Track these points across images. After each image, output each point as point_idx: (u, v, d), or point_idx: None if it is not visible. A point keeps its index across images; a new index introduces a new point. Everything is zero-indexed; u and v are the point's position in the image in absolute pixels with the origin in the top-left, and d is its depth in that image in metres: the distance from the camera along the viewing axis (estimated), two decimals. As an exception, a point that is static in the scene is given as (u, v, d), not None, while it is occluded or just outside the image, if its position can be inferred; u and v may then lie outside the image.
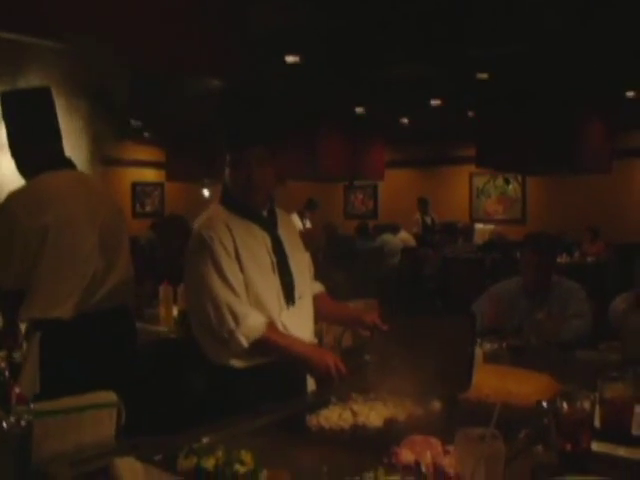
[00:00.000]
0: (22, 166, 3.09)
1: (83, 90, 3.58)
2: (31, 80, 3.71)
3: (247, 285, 2.59)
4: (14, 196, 2.93)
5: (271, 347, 2.56)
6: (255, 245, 2.65)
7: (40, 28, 3.77)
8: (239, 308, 2.53)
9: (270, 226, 2.73)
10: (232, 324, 2.51)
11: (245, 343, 2.51)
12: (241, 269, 2.59)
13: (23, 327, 2.97)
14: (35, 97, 3.12)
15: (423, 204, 13.56)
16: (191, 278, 2.67)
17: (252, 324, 2.52)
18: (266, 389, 2.49)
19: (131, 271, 3.21)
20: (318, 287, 3.00)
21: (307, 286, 2.84)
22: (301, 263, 2.82)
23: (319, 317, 2.90)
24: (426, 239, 12.42)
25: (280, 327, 2.63)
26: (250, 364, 2.58)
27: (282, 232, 2.77)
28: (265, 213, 2.75)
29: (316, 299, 2.90)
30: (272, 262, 2.67)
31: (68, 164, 3.16)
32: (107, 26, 4.01)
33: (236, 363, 2.57)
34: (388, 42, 7.59)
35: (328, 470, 1.44)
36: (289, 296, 2.68)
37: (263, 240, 2.68)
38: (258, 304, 2.60)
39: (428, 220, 13.42)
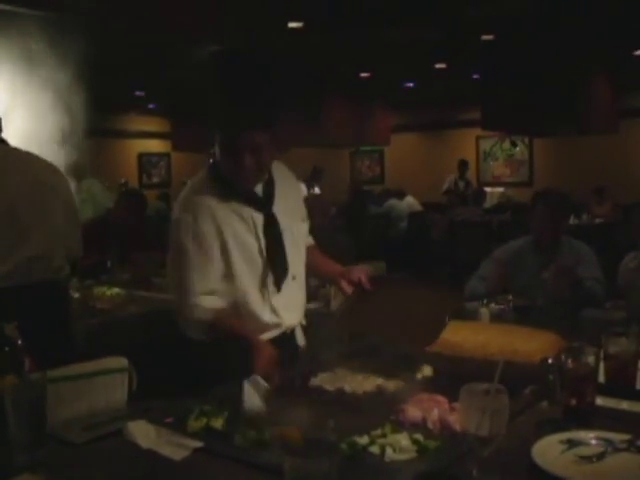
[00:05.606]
0: None
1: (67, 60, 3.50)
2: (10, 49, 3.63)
3: (231, 272, 2.49)
4: None
5: (218, 329, 2.45)
6: (241, 229, 2.51)
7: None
8: (197, 286, 2.43)
9: (263, 205, 2.56)
10: (190, 299, 2.44)
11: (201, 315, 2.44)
12: (225, 255, 2.48)
13: None
14: None
15: (463, 166, 13.20)
16: (169, 257, 2.58)
17: (205, 305, 2.44)
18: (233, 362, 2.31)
19: (46, 248, 3.12)
20: (309, 241, 2.88)
21: (302, 263, 2.71)
22: (298, 235, 2.69)
23: (307, 271, 2.78)
24: (454, 200, 12.11)
25: (268, 311, 2.54)
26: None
27: (279, 204, 2.61)
28: (260, 187, 2.58)
29: (306, 251, 2.79)
30: (260, 245, 2.53)
31: None
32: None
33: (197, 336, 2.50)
34: (390, 5, 7.51)
35: (335, 426, 1.46)
36: (279, 280, 2.55)
37: (252, 221, 2.53)
38: (241, 291, 2.51)
39: (461, 184, 12.99)
